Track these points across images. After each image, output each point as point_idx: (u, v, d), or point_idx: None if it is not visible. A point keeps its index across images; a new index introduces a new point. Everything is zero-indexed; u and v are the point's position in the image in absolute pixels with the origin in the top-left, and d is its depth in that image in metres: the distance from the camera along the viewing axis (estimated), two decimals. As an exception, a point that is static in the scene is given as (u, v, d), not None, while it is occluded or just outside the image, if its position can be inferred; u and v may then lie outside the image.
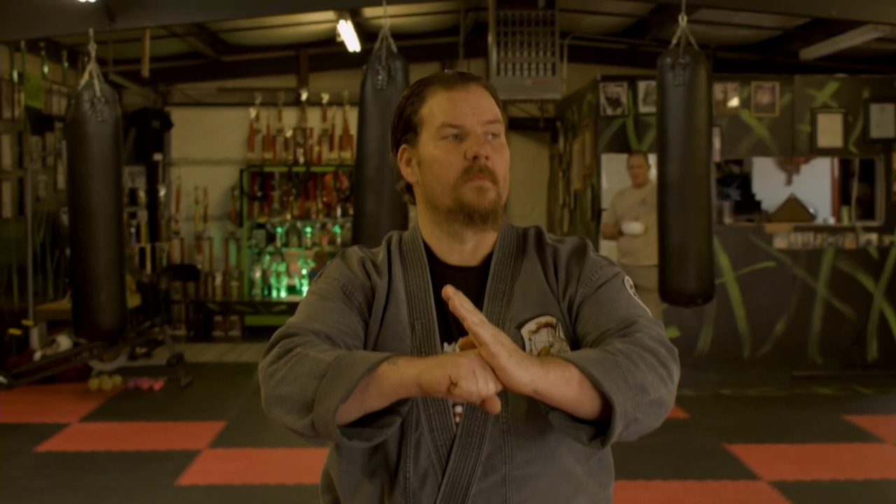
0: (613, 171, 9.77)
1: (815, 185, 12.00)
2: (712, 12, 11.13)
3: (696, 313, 9.75)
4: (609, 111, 9.86)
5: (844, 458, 7.27)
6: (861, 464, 7.12)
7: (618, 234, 9.41)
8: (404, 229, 8.29)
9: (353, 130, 13.10)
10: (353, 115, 13.04)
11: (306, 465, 6.90)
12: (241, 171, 12.81)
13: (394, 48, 8.14)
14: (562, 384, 1.74)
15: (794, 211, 10.26)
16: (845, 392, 9.42)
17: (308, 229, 12.88)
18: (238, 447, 7.48)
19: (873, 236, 9.97)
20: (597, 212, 9.94)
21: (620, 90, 9.87)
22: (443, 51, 12.49)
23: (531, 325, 2.03)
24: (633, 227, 9.24)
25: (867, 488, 6.56)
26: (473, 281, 2.09)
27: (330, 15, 10.82)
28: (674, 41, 8.08)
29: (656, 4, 11.12)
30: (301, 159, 12.88)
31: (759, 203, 11.37)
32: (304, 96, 12.93)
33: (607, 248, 9.74)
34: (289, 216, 12.86)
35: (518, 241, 2.17)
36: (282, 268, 12.92)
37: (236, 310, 12.62)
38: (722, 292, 9.82)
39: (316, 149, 12.95)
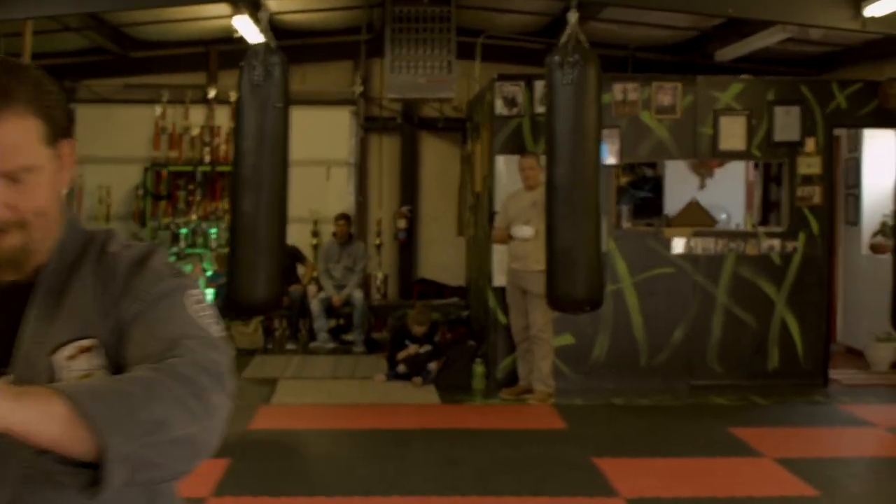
0: (509, 173, 9.46)
1: (730, 189, 11.73)
2: (626, 11, 10.90)
3: (592, 320, 9.47)
4: (505, 111, 9.57)
5: (716, 472, 6.99)
6: (731, 479, 6.83)
7: (508, 238, 9.12)
8: (282, 230, 7.77)
9: (262, 129, 12.78)
10: (262, 113, 12.71)
11: None
12: (145, 170, 12.47)
13: (272, 43, 7.92)
14: (44, 421, 1.41)
15: (696, 215, 9.99)
16: (742, 402, 9.14)
17: (213, 230, 12.52)
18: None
19: (776, 242, 9.70)
20: (492, 215, 9.64)
21: (517, 90, 9.57)
22: (353, 49, 12.17)
23: (69, 350, 1.70)
24: (524, 230, 8.94)
25: (728, 506, 6.29)
26: (24, 298, 1.76)
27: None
28: (563, 39, 7.86)
29: (564, 3, 10.85)
30: (207, 158, 12.54)
31: (660, 207, 11.11)
32: (211, 94, 12.58)
33: (500, 252, 9.45)
34: (194, 216, 12.51)
35: (81, 250, 1.83)
36: (186, 269, 12.54)
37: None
38: (619, 299, 9.56)
39: (223, 148, 12.59)
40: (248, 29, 10.66)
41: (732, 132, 9.64)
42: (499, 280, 9.52)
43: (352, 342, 11.73)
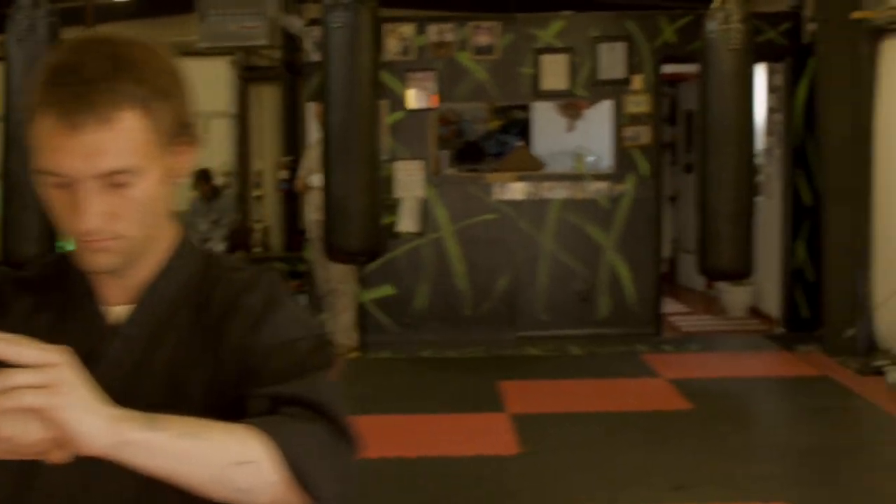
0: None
1: (600, 131, 11.27)
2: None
3: (412, 269, 9.23)
4: (315, 57, 9.27)
5: (434, 428, 6.74)
6: (444, 436, 6.59)
7: (305, 188, 8.88)
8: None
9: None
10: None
11: None
12: None
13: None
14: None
15: (523, 160, 9.62)
16: (554, 353, 8.81)
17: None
18: None
19: (603, 185, 9.31)
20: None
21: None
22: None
23: None
24: (316, 179, 8.69)
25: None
26: None
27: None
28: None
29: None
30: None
31: (481, 151, 10.71)
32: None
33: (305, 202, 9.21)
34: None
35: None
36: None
37: None
38: (440, 247, 9.29)
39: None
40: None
41: (553, 71, 9.24)
42: (312, 231, 9.29)
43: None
